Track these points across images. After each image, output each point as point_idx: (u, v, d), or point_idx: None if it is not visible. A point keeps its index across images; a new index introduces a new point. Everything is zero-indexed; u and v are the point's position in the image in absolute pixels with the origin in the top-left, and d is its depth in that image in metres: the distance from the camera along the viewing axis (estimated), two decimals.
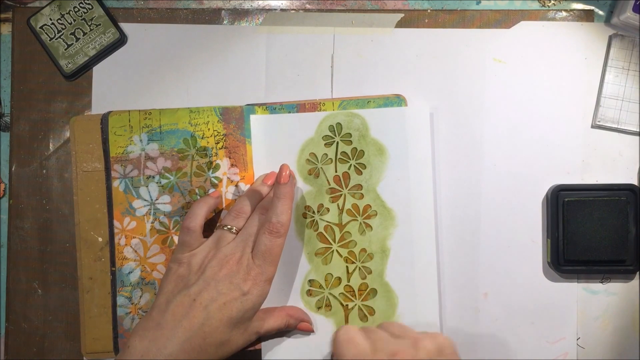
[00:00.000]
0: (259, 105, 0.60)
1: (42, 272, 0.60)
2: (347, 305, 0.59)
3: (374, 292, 0.59)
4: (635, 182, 0.59)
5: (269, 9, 0.59)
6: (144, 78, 0.61)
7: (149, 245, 0.59)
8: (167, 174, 0.59)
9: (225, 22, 0.60)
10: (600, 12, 0.59)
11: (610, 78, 0.59)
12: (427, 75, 0.60)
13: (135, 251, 0.59)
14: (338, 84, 0.61)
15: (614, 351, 0.59)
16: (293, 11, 0.59)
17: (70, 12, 0.59)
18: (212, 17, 0.60)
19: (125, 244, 0.59)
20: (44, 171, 0.60)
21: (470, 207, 0.60)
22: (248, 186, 0.60)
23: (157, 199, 0.59)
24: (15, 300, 0.61)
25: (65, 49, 0.59)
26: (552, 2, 0.59)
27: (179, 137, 0.59)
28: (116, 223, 0.59)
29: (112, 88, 0.61)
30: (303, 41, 0.60)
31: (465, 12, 0.59)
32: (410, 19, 0.59)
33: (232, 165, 0.59)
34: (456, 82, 0.60)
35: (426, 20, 0.59)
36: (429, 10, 0.59)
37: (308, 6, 0.59)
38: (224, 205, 0.60)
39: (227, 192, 0.59)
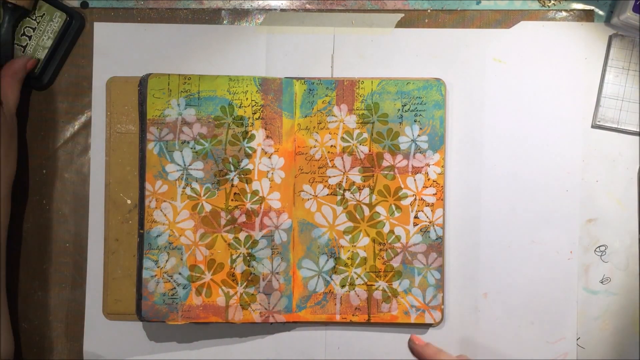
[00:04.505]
0: (298, 78, 0.60)
1: (42, 272, 0.60)
2: (371, 285, 0.60)
3: (398, 274, 0.60)
4: (635, 182, 0.59)
5: (269, 9, 0.59)
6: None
7: (178, 210, 0.59)
8: (202, 140, 0.59)
9: (225, 22, 0.59)
10: (600, 12, 0.58)
11: (610, 78, 0.58)
12: (427, 75, 0.61)
13: (165, 215, 0.59)
14: None
15: (614, 351, 0.59)
16: (293, 11, 0.59)
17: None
18: (212, 17, 0.59)
19: (156, 207, 0.59)
20: (44, 171, 0.60)
21: (470, 207, 0.60)
22: (282, 159, 0.60)
23: (190, 165, 0.59)
24: (16, 300, 0.60)
25: (23, 52, 0.57)
26: (552, 2, 0.59)
27: (216, 104, 0.59)
28: (148, 185, 0.59)
29: None
30: (303, 41, 0.60)
31: (465, 12, 0.59)
32: (410, 19, 0.59)
33: (267, 136, 0.59)
34: (456, 82, 0.60)
35: (426, 20, 0.59)
36: (429, 10, 0.58)
37: (308, 6, 0.59)
38: (256, 177, 0.60)
39: (261, 164, 0.59)
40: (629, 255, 0.60)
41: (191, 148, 0.59)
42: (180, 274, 0.58)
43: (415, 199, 0.60)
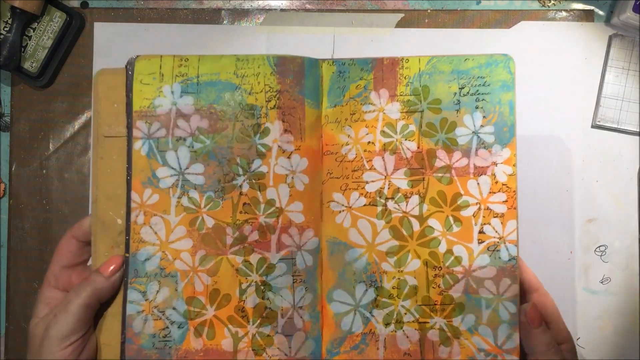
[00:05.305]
0: (324, 59, 0.48)
1: (42, 272, 0.57)
2: (424, 322, 0.45)
3: (460, 307, 0.45)
4: (635, 182, 0.59)
5: (269, 9, 0.59)
6: None
7: (172, 226, 0.46)
8: (202, 137, 0.46)
9: (225, 22, 0.60)
10: (600, 12, 0.58)
11: (610, 78, 0.58)
12: None
13: (155, 232, 0.46)
14: None
15: (614, 351, 0.59)
16: (293, 11, 0.59)
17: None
18: (212, 17, 0.60)
19: (144, 223, 0.46)
20: (44, 171, 0.60)
21: None
22: (304, 159, 0.47)
23: (187, 168, 0.46)
24: (15, 300, 0.60)
25: (23, 52, 0.57)
26: (552, 2, 0.58)
27: (220, 90, 0.46)
28: (134, 195, 0.46)
29: None
30: (303, 41, 0.60)
31: (465, 12, 0.59)
32: (410, 19, 0.59)
33: (285, 130, 0.46)
34: None
35: (426, 20, 0.59)
36: (429, 10, 0.59)
37: (308, 6, 0.59)
38: (271, 183, 0.46)
39: (277, 165, 0.46)
40: (629, 255, 0.60)
41: (188, 146, 0.46)
42: (174, 308, 0.45)
43: (479, 209, 0.46)
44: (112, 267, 0.45)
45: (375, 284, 0.47)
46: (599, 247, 0.60)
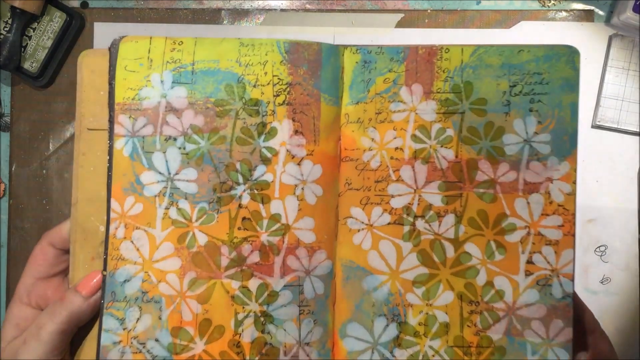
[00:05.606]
0: (346, 46, 0.40)
1: None
2: None
3: (500, 352, 0.37)
4: (635, 182, 0.58)
5: (269, 9, 0.59)
6: None
7: (158, 242, 0.38)
8: (195, 136, 0.39)
9: (225, 22, 0.59)
10: (600, 12, 0.58)
11: (610, 78, 0.58)
12: None
13: (138, 249, 0.38)
14: None
15: None
16: (293, 11, 0.59)
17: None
18: (212, 17, 0.59)
19: (124, 237, 0.38)
20: (44, 171, 0.60)
21: None
22: (318, 167, 0.39)
23: (177, 173, 0.39)
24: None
25: (23, 52, 0.57)
26: (552, 2, 0.58)
27: (219, 81, 0.39)
28: (114, 203, 0.38)
29: None
30: None
31: (465, 12, 0.59)
32: (410, 19, 0.58)
33: (295, 131, 0.39)
34: None
35: (426, 20, 0.59)
36: (429, 10, 0.58)
37: (308, 6, 0.59)
38: (277, 194, 0.39)
39: (285, 173, 0.39)
40: (629, 255, 0.59)
41: (180, 148, 0.39)
42: (157, 340, 0.38)
43: (528, 234, 0.38)
44: (91, 285, 0.38)
45: (399, 318, 0.39)
46: (599, 247, 0.59)
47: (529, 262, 0.38)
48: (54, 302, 0.39)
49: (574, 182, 0.38)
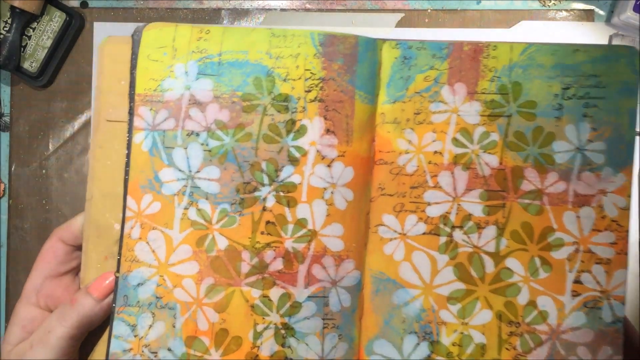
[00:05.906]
0: (385, 40, 0.37)
1: None
2: None
3: None
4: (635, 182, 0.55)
5: (269, 9, 0.59)
6: None
7: (175, 244, 0.36)
8: (220, 132, 0.36)
9: (225, 22, 0.59)
10: (601, 12, 0.58)
11: None
12: None
13: (153, 251, 0.36)
14: None
15: None
16: (293, 11, 0.59)
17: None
18: (212, 17, 0.59)
19: (140, 238, 0.36)
20: (44, 171, 0.60)
21: None
22: (349, 169, 0.36)
23: (198, 171, 0.36)
24: (15, 301, 0.54)
25: (23, 52, 0.57)
26: (553, 1, 0.58)
27: (247, 73, 0.36)
28: (130, 201, 0.36)
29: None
30: None
31: (465, 12, 0.59)
32: (410, 19, 0.59)
33: (327, 130, 0.36)
34: None
35: (426, 20, 0.59)
36: (429, 10, 0.59)
37: (308, 6, 0.59)
38: (304, 197, 0.36)
39: (314, 175, 0.36)
40: (629, 255, 0.52)
41: (202, 144, 0.36)
42: (170, 350, 0.36)
43: (577, 250, 0.35)
44: (104, 287, 0.36)
45: (431, 337, 0.36)
46: None
47: (577, 281, 0.35)
48: (63, 304, 0.36)
49: (629, 196, 0.35)
